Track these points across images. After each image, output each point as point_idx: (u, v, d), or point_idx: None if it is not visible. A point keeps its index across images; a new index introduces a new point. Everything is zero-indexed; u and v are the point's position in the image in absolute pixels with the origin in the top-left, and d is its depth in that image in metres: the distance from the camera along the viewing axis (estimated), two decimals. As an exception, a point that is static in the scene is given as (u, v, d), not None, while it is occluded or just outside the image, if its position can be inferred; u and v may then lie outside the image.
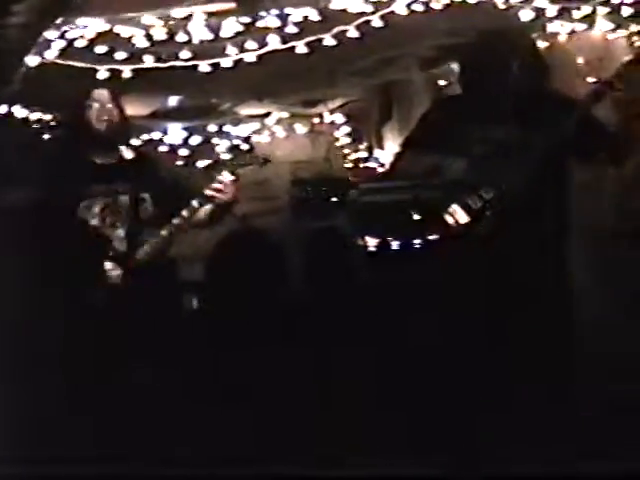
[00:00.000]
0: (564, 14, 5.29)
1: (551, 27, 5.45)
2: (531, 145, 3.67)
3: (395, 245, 5.09)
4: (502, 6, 5.20)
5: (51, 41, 5.27)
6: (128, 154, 4.23)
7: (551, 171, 3.71)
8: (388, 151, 6.64)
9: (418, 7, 5.23)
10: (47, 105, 5.72)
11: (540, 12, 5.27)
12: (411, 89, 6.24)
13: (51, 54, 5.31)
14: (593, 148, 3.77)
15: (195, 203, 4.14)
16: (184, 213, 4.13)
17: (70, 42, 5.31)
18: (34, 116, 5.89)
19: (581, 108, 3.72)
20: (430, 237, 3.80)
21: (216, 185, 4.13)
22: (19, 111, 5.83)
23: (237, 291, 5.32)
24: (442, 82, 5.94)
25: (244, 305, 5.17)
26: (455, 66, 4.38)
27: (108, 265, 4.09)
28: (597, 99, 3.73)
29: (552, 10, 5.30)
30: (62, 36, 5.28)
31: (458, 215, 3.66)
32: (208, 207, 4.18)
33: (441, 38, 5.51)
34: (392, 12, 5.26)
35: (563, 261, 3.80)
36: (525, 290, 3.67)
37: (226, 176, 4.15)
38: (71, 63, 5.33)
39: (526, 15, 5.26)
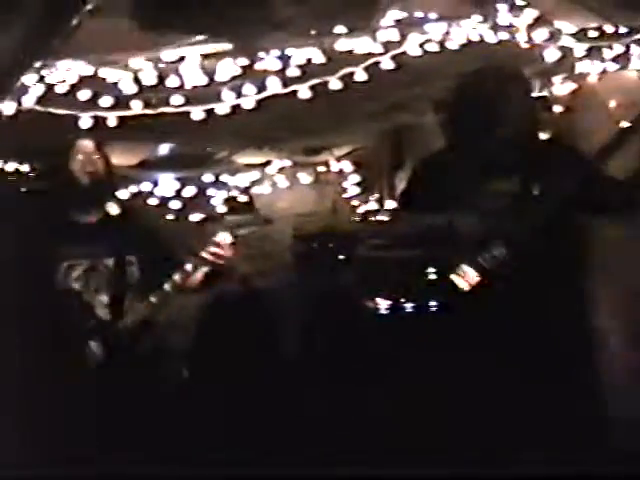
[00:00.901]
0: (594, 53, 5.20)
1: (580, 67, 5.31)
2: (544, 198, 3.52)
3: (409, 308, 4.94)
4: (524, 45, 5.14)
5: (29, 86, 5.15)
6: (114, 210, 4.10)
7: (566, 225, 3.56)
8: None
9: (432, 47, 5.14)
10: (25, 156, 5.57)
11: (567, 51, 5.16)
12: (425, 134, 6.06)
13: (29, 100, 5.19)
14: (611, 201, 3.60)
15: (189, 267, 3.97)
16: (176, 278, 3.95)
17: (50, 87, 5.21)
18: (10, 167, 5.72)
19: (598, 158, 3.55)
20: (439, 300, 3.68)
21: (212, 248, 3.98)
22: (-6, 162, 5.81)
23: (234, 361, 5.17)
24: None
25: (243, 377, 5.02)
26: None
27: (90, 334, 3.91)
28: (617, 147, 3.53)
29: (580, 49, 5.19)
30: (41, 80, 5.18)
31: (468, 276, 3.50)
32: (203, 270, 4.01)
33: (458, 79, 5.21)
34: (404, 53, 5.14)
35: (583, 322, 3.65)
36: (542, 350, 3.52)
37: (224, 237, 3.99)
38: (51, 110, 5.21)
39: (552, 55, 5.14)
